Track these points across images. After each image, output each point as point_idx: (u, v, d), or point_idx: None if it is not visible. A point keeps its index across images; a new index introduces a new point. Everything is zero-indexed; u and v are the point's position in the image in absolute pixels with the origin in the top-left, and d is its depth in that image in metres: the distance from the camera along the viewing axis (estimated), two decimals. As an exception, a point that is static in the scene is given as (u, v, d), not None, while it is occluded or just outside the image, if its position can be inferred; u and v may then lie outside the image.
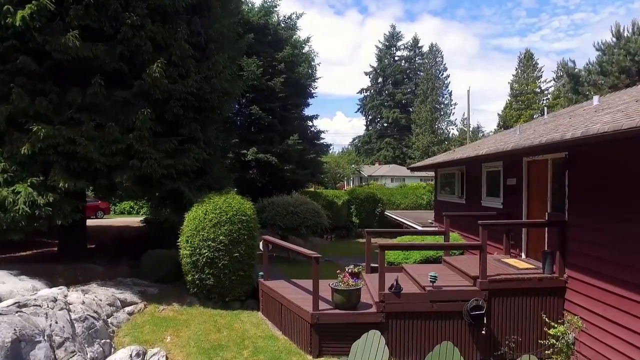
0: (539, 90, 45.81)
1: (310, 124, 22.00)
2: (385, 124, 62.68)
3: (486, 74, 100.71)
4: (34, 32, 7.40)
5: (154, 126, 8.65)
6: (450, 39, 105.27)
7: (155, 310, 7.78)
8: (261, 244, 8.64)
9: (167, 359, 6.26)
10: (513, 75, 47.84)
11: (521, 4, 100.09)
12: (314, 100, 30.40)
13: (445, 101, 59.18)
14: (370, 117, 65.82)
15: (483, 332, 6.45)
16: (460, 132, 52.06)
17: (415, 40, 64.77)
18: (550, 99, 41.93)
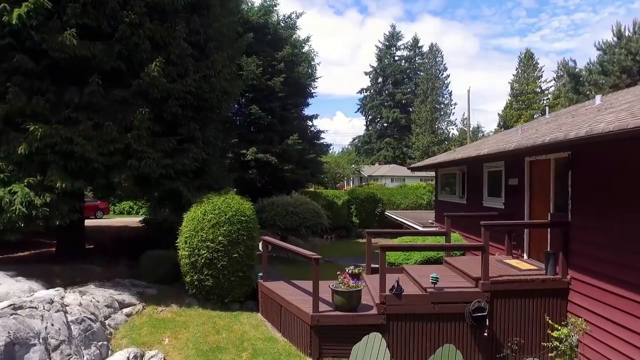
0: (540, 90, 45.78)
1: (310, 123, 21.90)
2: (385, 124, 62.62)
3: (486, 74, 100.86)
4: (31, 31, 7.31)
5: (153, 125, 8.58)
6: (450, 39, 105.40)
7: (153, 311, 7.70)
8: (260, 244, 8.56)
9: (165, 361, 6.19)
10: (513, 75, 47.90)
11: (521, 4, 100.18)
12: (314, 100, 30.33)
13: (445, 101, 59.21)
14: (370, 117, 65.78)
15: (485, 334, 6.37)
16: (460, 132, 52.01)
17: (415, 40, 64.74)
18: (550, 98, 41.91)
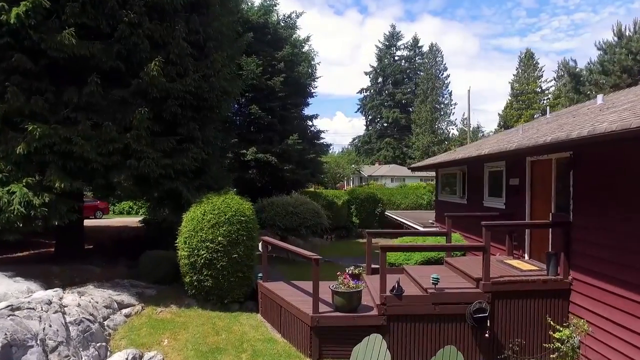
0: (540, 90, 45.73)
1: (310, 123, 21.84)
2: (385, 124, 62.57)
3: (486, 74, 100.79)
4: (29, 30, 7.28)
5: (152, 125, 8.54)
6: (450, 39, 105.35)
7: (152, 312, 7.66)
8: (260, 244, 8.52)
9: (164, 362, 6.14)
10: (514, 75, 47.85)
11: (521, 4, 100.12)
12: (314, 100, 30.30)
13: (445, 101, 59.15)
14: (370, 117, 65.74)
15: (486, 335, 6.33)
16: (460, 132, 51.96)
17: (415, 40, 64.69)
18: (551, 98, 41.86)
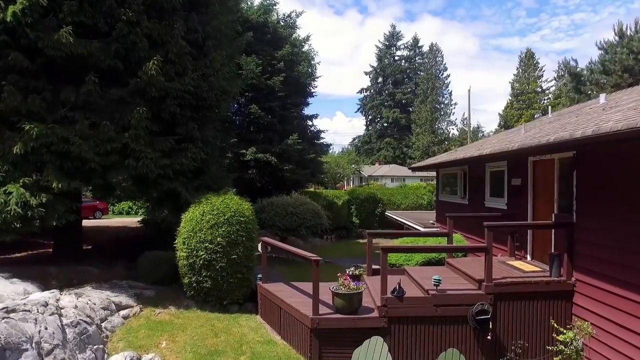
0: (540, 90, 45.69)
1: (310, 123, 21.74)
2: (385, 124, 62.50)
3: (486, 74, 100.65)
4: (26, 28, 7.21)
5: (150, 125, 8.46)
6: (450, 39, 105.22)
7: (151, 313, 7.58)
8: (260, 245, 8.44)
9: (162, 365, 6.07)
10: (514, 75, 47.81)
11: (521, 4, 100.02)
12: (314, 99, 30.18)
13: (446, 101, 59.09)
14: (370, 117, 65.65)
15: (489, 338, 6.25)
16: (461, 132, 51.90)
17: (415, 40, 64.62)
18: (551, 98, 41.78)
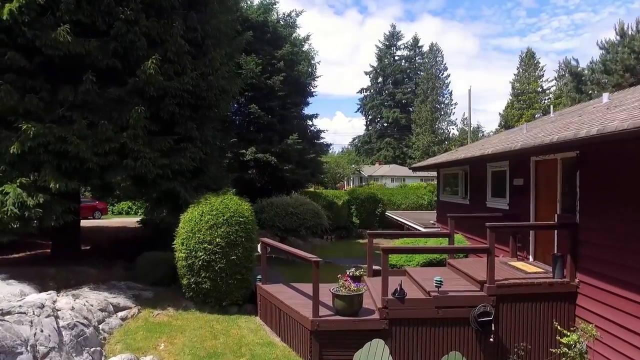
0: (541, 90, 45.58)
1: (310, 123, 21.63)
2: (385, 124, 62.41)
3: (486, 74, 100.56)
4: (23, 27, 7.14)
5: (149, 124, 8.39)
6: (450, 39, 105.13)
7: (149, 315, 7.50)
8: (259, 246, 8.37)
9: (160, 367, 5.99)
10: (514, 75, 47.69)
11: (521, 4, 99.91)
12: (314, 99, 30.08)
13: (446, 101, 58.99)
14: (370, 117, 65.57)
15: (491, 340, 6.17)
16: (461, 132, 51.79)
17: (416, 40, 64.53)
18: (552, 98, 41.68)
